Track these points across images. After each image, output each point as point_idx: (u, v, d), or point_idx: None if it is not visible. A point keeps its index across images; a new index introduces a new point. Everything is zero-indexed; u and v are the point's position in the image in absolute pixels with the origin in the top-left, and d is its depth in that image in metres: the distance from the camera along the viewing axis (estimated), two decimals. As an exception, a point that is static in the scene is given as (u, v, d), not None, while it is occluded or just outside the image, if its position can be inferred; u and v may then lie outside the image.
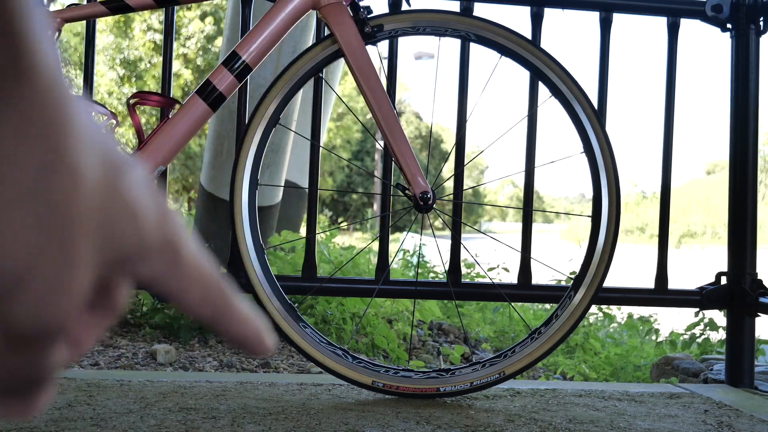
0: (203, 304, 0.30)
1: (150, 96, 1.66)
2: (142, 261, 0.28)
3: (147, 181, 0.28)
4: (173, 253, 0.28)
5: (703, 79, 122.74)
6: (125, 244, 0.26)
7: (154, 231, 0.28)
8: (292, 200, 4.29)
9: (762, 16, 2.09)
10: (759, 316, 2.08)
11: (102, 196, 0.25)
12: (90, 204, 0.25)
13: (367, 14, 1.68)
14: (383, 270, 1.98)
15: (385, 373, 1.73)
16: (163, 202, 0.29)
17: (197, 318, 0.30)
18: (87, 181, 0.24)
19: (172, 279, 0.29)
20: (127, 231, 0.26)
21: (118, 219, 0.26)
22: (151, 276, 0.28)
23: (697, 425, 1.63)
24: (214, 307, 0.30)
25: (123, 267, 0.27)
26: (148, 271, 0.28)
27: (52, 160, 0.23)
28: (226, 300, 0.30)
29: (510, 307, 3.37)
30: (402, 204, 1.84)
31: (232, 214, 1.71)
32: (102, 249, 0.26)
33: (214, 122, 3.35)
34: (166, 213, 0.29)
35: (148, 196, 0.28)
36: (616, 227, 1.76)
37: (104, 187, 0.25)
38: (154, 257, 0.28)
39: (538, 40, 2.05)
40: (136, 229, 0.27)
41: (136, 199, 0.27)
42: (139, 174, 0.28)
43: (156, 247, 0.28)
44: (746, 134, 2.11)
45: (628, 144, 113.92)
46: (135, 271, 0.28)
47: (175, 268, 0.29)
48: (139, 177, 0.27)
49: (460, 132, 2.01)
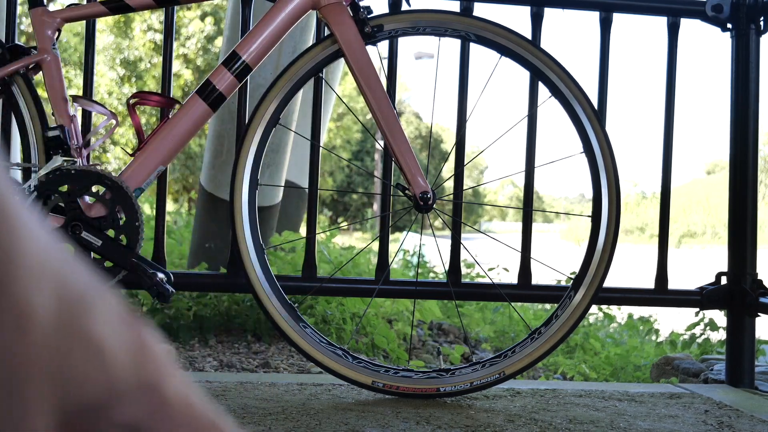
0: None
1: (150, 96, 1.66)
2: (114, 408, 0.23)
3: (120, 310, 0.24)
4: (155, 394, 0.24)
5: (703, 79, 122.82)
6: (89, 392, 0.23)
7: (127, 371, 0.24)
8: (292, 200, 4.29)
9: (762, 15, 2.09)
10: (759, 316, 2.08)
11: (58, 337, 0.22)
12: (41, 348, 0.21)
13: (367, 14, 1.68)
14: (383, 270, 1.98)
15: (385, 373, 1.73)
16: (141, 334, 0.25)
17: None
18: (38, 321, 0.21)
19: (157, 423, 0.25)
20: (89, 377, 0.23)
21: (78, 364, 0.22)
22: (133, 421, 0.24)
23: (697, 425, 1.63)
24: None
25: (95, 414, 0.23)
26: (127, 417, 0.24)
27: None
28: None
29: (510, 307, 3.37)
30: (402, 204, 1.84)
31: (232, 214, 1.71)
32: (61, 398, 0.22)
33: (214, 122, 3.34)
34: (144, 348, 0.25)
35: (121, 329, 0.24)
36: (616, 227, 1.76)
37: (61, 325, 0.22)
38: (131, 400, 0.24)
39: (538, 40, 2.05)
40: (102, 374, 0.23)
41: (102, 336, 0.23)
42: (108, 304, 0.24)
43: (132, 389, 0.24)
44: (746, 134, 2.11)
45: (628, 144, 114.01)
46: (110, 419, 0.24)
47: (158, 411, 0.25)
48: (108, 307, 0.24)
49: (460, 132, 2.01)
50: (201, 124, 1.64)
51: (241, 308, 2.73)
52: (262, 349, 2.58)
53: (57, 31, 1.66)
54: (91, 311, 0.23)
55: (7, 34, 1.89)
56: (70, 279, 0.22)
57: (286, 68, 1.72)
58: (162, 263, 1.89)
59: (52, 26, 1.65)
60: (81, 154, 1.63)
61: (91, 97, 1.89)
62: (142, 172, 1.60)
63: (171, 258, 3.51)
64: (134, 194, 1.58)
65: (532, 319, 3.69)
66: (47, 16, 1.64)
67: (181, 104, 1.64)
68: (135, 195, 1.58)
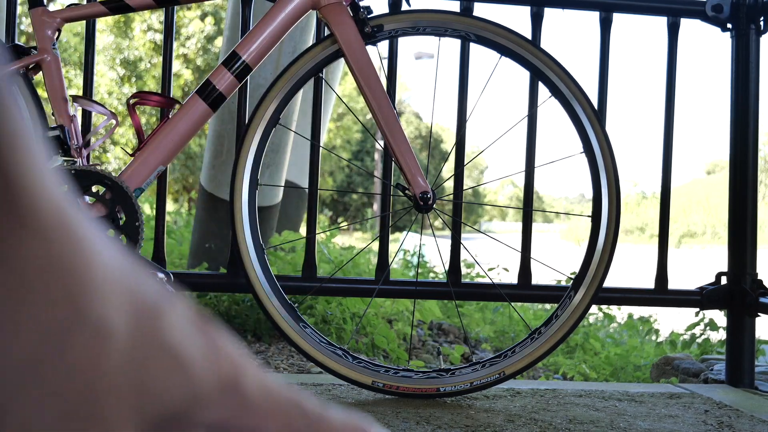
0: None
1: (150, 96, 1.66)
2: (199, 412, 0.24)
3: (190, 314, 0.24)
4: (236, 393, 0.25)
5: (703, 79, 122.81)
6: (173, 401, 0.23)
7: (207, 376, 0.24)
8: (292, 200, 4.29)
9: (762, 15, 2.09)
10: (759, 316, 2.08)
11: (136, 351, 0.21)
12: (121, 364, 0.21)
13: (367, 14, 1.68)
14: (383, 270, 1.98)
15: (385, 373, 1.73)
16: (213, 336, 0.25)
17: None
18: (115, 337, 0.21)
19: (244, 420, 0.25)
20: (172, 385, 0.22)
21: (159, 374, 0.22)
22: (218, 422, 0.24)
23: (697, 425, 1.63)
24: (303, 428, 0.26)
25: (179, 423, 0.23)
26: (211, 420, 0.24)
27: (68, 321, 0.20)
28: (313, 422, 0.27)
29: (510, 307, 3.37)
30: (402, 204, 1.84)
31: (232, 214, 1.71)
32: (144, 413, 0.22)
33: (214, 122, 3.34)
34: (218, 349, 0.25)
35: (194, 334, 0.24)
36: (616, 227, 1.76)
37: (137, 337, 0.22)
38: (214, 404, 0.24)
39: (538, 40, 2.05)
40: (184, 381, 0.23)
41: (178, 344, 0.23)
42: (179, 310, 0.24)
43: (213, 394, 0.24)
44: (746, 134, 2.11)
45: (628, 144, 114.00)
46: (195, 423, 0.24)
47: (242, 409, 0.25)
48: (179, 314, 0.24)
49: (460, 132, 2.01)
50: (201, 124, 1.64)
51: (241, 308, 2.73)
52: (262, 349, 2.58)
53: (57, 31, 1.66)
54: (164, 319, 0.23)
55: (7, 34, 1.89)
56: (139, 289, 0.22)
57: (286, 68, 1.72)
58: (162, 263, 1.89)
59: (52, 26, 1.65)
60: (81, 154, 1.63)
61: (91, 97, 1.89)
62: (142, 172, 1.60)
63: (171, 258, 3.51)
64: (134, 194, 1.58)
65: (532, 319, 3.69)
66: (47, 16, 1.64)
67: (181, 104, 1.64)
68: (135, 195, 1.58)
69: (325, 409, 0.27)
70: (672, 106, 2.13)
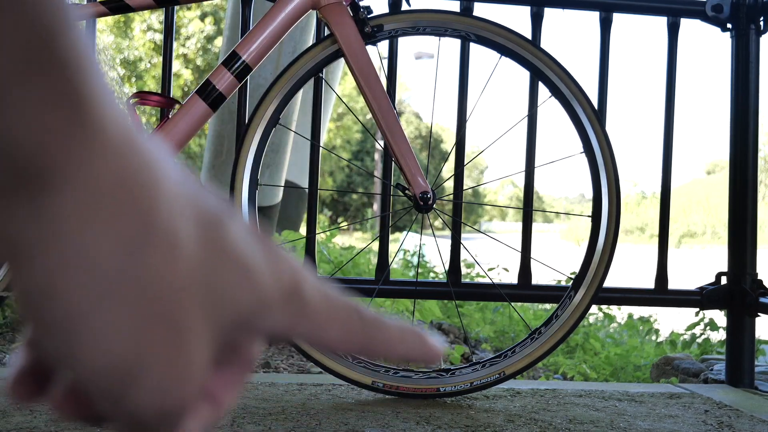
0: (347, 340, 0.27)
1: (150, 96, 1.66)
2: (264, 318, 0.25)
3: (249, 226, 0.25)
4: (297, 300, 0.26)
5: (703, 79, 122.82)
6: (241, 306, 0.24)
7: (270, 283, 0.25)
8: (292, 200, 4.29)
9: (762, 15, 2.09)
10: (759, 316, 2.08)
11: (204, 260, 0.22)
12: (192, 273, 0.22)
13: (367, 14, 1.68)
14: (383, 270, 1.98)
15: (385, 373, 1.73)
16: (272, 246, 0.26)
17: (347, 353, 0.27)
18: (185, 247, 0.22)
19: (305, 326, 0.26)
20: (240, 291, 0.24)
21: (228, 281, 0.23)
22: (281, 328, 0.26)
23: (697, 425, 1.63)
24: (360, 337, 0.27)
25: (246, 328, 0.24)
26: (275, 325, 0.25)
27: (141, 233, 0.21)
28: (370, 327, 0.27)
29: (510, 307, 3.37)
30: (402, 204, 1.84)
31: (232, 214, 1.71)
32: (216, 318, 0.23)
33: (214, 122, 3.35)
34: (278, 258, 0.25)
35: (255, 244, 0.25)
36: (616, 227, 1.76)
37: (205, 248, 0.23)
38: (278, 310, 0.25)
39: (538, 40, 2.05)
40: (250, 287, 0.24)
41: (243, 253, 0.24)
42: (238, 221, 0.25)
43: (277, 300, 0.25)
44: (746, 134, 2.11)
45: (628, 144, 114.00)
46: (261, 329, 0.25)
47: (303, 315, 0.26)
48: (239, 225, 0.24)
49: (460, 132, 2.01)
50: (201, 124, 1.64)
51: (241, 308, 2.73)
52: (261, 349, 2.58)
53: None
54: (227, 230, 0.24)
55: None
56: (202, 202, 0.23)
57: (286, 68, 1.72)
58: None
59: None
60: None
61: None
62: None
63: (171, 258, 3.51)
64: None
65: (532, 319, 3.69)
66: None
67: (181, 104, 1.64)
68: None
69: (381, 315, 0.28)
70: (672, 106, 2.13)
